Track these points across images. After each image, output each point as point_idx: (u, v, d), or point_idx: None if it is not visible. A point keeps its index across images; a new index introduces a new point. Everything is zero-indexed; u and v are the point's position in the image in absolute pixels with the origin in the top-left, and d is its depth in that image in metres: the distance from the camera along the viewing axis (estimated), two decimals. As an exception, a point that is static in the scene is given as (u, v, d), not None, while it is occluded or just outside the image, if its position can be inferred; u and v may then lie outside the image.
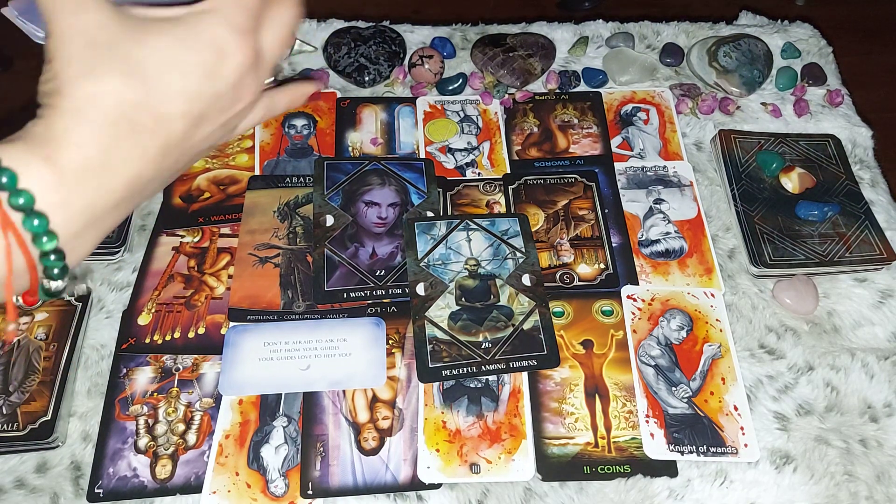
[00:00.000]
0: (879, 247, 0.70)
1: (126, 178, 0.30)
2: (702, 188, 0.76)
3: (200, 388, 0.62)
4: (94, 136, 0.28)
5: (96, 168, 0.28)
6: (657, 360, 0.64)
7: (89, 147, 0.28)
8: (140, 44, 0.29)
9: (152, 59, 0.29)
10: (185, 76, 0.30)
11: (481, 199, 0.75)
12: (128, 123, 0.29)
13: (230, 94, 0.32)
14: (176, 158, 0.32)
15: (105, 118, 0.28)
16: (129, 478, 0.57)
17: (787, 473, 0.58)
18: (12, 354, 0.62)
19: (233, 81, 0.32)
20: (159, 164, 0.31)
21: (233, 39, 0.31)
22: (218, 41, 0.31)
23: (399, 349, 0.64)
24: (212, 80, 0.31)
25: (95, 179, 0.29)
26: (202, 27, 0.30)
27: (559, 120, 0.81)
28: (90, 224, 0.29)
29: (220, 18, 0.31)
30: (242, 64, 0.32)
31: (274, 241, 0.70)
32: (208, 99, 0.31)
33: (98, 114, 0.28)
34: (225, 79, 0.31)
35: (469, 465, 0.58)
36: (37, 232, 0.27)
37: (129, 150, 0.29)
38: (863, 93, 0.92)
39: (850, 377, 0.64)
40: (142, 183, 0.31)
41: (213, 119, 0.32)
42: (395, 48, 0.85)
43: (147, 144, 0.30)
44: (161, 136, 0.30)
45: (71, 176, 0.28)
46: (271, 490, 0.57)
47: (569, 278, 0.69)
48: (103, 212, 0.30)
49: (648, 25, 0.91)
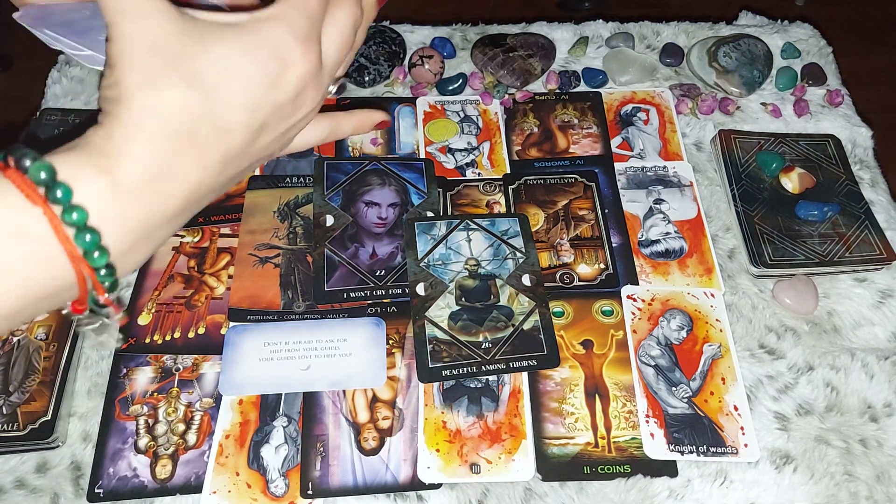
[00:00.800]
0: (879, 247, 0.70)
1: (184, 191, 0.29)
2: (702, 188, 0.76)
3: (200, 388, 0.62)
4: (153, 149, 0.28)
5: (154, 181, 0.28)
6: (657, 360, 0.64)
7: (148, 160, 0.28)
8: (202, 51, 0.29)
9: (215, 69, 0.29)
10: (247, 87, 0.30)
11: (481, 199, 0.75)
12: (188, 135, 0.28)
13: (292, 104, 0.32)
14: (235, 168, 0.32)
15: (165, 130, 0.28)
16: (129, 478, 0.57)
17: (787, 473, 0.58)
18: (12, 354, 0.62)
19: (295, 91, 0.31)
20: (218, 175, 0.31)
21: (296, 48, 0.30)
22: (281, 50, 0.30)
23: (399, 349, 0.64)
24: (274, 90, 0.30)
25: (152, 193, 0.28)
26: (265, 35, 0.30)
27: (559, 120, 0.81)
28: (143, 238, 0.29)
29: (284, 26, 0.30)
30: (305, 73, 0.31)
31: (274, 241, 0.70)
32: (270, 109, 0.31)
33: (158, 126, 0.28)
34: (287, 89, 0.31)
35: (469, 465, 0.58)
36: (88, 249, 0.27)
37: (189, 162, 0.29)
38: (863, 93, 0.92)
39: (850, 377, 0.64)
40: (200, 195, 0.30)
41: (272, 129, 0.32)
42: (395, 48, 0.85)
43: (207, 156, 0.29)
44: (221, 147, 0.30)
45: (127, 190, 0.27)
46: (271, 490, 0.57)
47: (569, 278, 0.69)
48: (158, 225, 0.29)
49: (648, 25, 0.91)
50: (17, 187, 0.26)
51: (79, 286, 0.28)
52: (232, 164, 0.31)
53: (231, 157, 0.31)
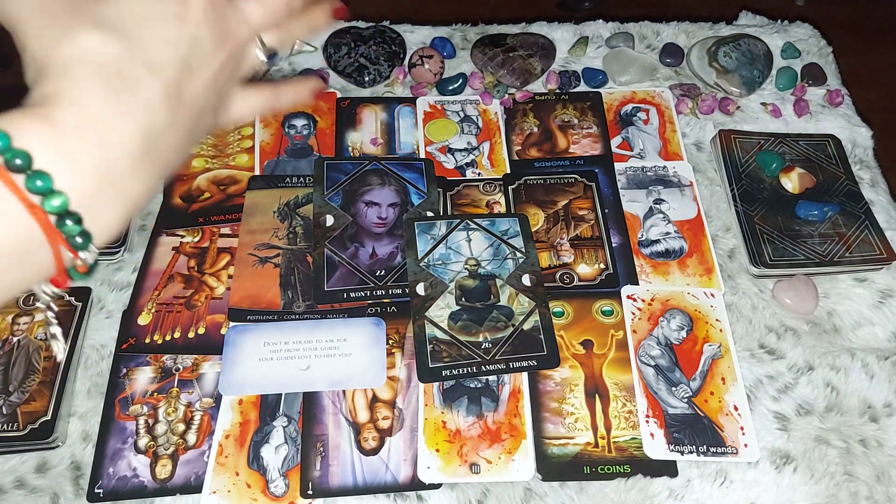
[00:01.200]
0: (879, 247, 0.70)
1: (136, 132, 0.28)
2: (702, 188, 0.76)
3: (200, 388, 0.62)
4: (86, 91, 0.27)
5: (97, 122, 0.27)
6: (657, 360, 0.64)
7: (85, 102, 0.27)
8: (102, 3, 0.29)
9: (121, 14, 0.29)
10: (157, 24, 0.30)
11: (481, 199, 0.75)
12: (118, 76, 0.28)
13: (209, 36, 0.32)
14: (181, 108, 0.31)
15: (93, 73, 0.28)
16: (129, 478, 0.57)
17: (787, 473, 0.58)
18: (12, 354, 0.62)
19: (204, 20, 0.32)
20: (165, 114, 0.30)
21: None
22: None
23: (399, 349, 0.64)
24: (184, 23, 0.31)
25: (99, 133, 0.27)
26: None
27: (559, 120, 0.81)
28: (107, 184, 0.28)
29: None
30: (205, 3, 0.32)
31: (274, 241, 0.70)
32: (188, 42, 0.31)
33: (84, 70, 0.28)
34: (195, 19, 0.31)
35: (469, 465, 0.58)
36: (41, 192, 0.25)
37: (130, 101, 0.28)
38: (863, 93, 0.92)
39: (850, 377, 0.64)
40: (155, 137, 0.29)
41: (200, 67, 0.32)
42: (395, 48, 0.85)
43: (147, 94, 0.29)
44: (158, 84, 0.29)
45: (72, 132, 0.26)
46: (271, 490, 0.57)
47: (569, 278, 0.69)
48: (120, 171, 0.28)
49: (648, 25, 0.91)
50: None
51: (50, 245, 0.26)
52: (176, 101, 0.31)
53: (171, 92, 0.30)
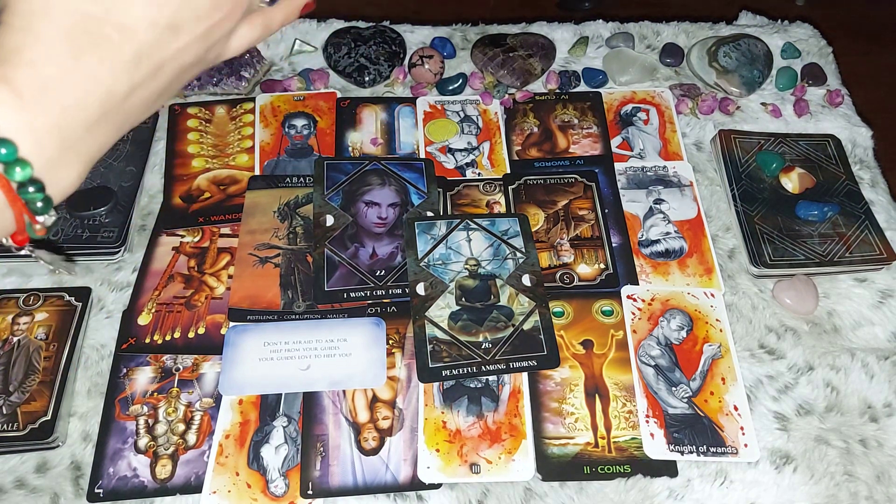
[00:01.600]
0: (879, 247, 0.70)
1: (96, 95, 0.28)
2: (702, 188, 0.76)
3: (200, 388, 0.62)
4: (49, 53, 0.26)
5: (58, 86, 0.26)
6: (657, 360, 0.64)
7: (46, 64, 0.26)
8: None
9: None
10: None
11: (481, 199, 0.75)
12: (87, 36, 0.27)
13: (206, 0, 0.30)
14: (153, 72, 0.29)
15: (60, 33, 0.26)
16: (129, 478, 0.57)
17: (787, 473, 0.58)
18: (12, 354, 0.62)
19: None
20: (132, 78, 0.29)
21: None
22: None
23: (399, 349, 0.64)
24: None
25: (59, 98, 0.26)
26: None
27: (559, 120, 0.81)
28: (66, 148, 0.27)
29: None
30: None
31: (274, 241, 0.70)
32: (177, 4, 0.29)
33: (51, 29, 0.26)
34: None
35: (469, 465, 0.58)
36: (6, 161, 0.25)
37: (94, 64, 0.27)
38: (863, 93, 0.92)
39: (850, 377, 0.64)
40: (117, 100, 0.29)
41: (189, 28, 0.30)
42: (395, 48, 0.85)
43: (113, 58, 0.28)
44: (128, 48, 0.28)
45: (31, 96, 0.26)
46: (271, 490, 0.57)
47: (569, 278, 0.69)
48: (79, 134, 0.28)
49: (648, 25, 0.91)
50: None
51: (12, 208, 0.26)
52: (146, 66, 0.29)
53: (143, 57, 0.28)
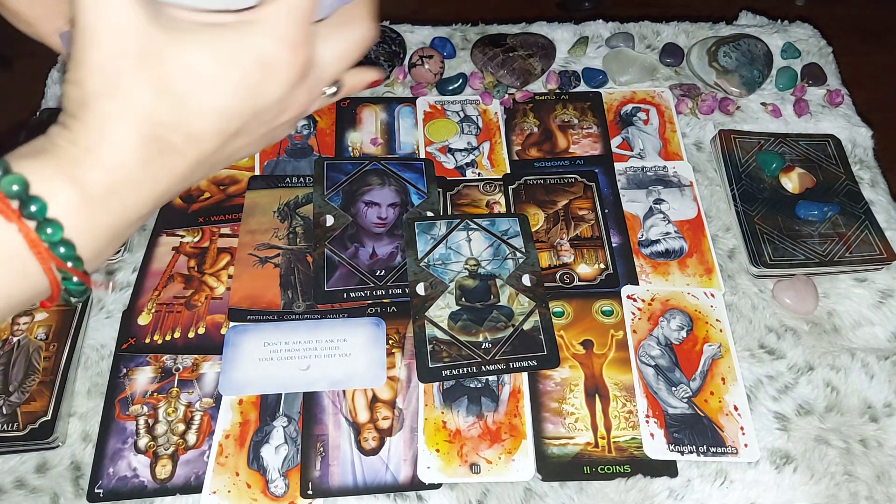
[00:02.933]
0: (879, 247, 0.70)
1: (153, 196, 0.29)
2: (702, 188, 0.76)
3: (200, 388, 0.62)
4: (121, 157, 0.27)
5: (123, 189, 0.27)
6: (657, 360, 0.64)
7: (117, 168, 0.27)
8: (176, 55, 0.27)
9: (188, 74, 0.27)
10: (224, 94, 0.28)
11: (481, 199, 0.75)
12: (157, 143, 0.27)
13: (275, 109, 0.30)
14: (206, 170, 0.31)
15: (133, 137, 0.27)
16: (129, 478, 0.57)
17: (787, 473, 0.58)
18: (12, 354, 0.62)
19: (278, 97, 0.30)
20: (187, 178, 0.30)
21: (282, 54, 0.29)
22: (265, 57, 0.28)
23: (399, 349, 0.64)
24: (255, 97, 0.29)
25: (121, 200, 0.28)
26: (248, 41, 0.28)
27: (559, 120, 0.81)
28: (112, 241, 0.29)
29: (269, 31, 0.28)
30: (290, 80, 0.30)
31: (274, 241, 0.70)
32: (248, 116, 0.29)
33: (125, 134, 0.27)
34: (270, 96, 0.29)
35: (469, 465, 0.58)
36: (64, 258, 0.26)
37: (158, 169, 0.28)
38: (863, 93, 0.92)
39: (850, 377, 0.64)
40: (168, 197, 0.30)
41: (250, 133, 0.31)
42: (395, 48, 0.85)
43: (176, 164, 0.29)
44: (192, 154, 0.29)
45: (98, 198, 0.27)
46: (271, 490, 0.57)
47: (569, 278, 0.69)
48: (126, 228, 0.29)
49: (648, 25, 0.91)
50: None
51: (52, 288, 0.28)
52: (202, 168, 0.30)
53: (202, 161, 0.30)
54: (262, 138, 0.32)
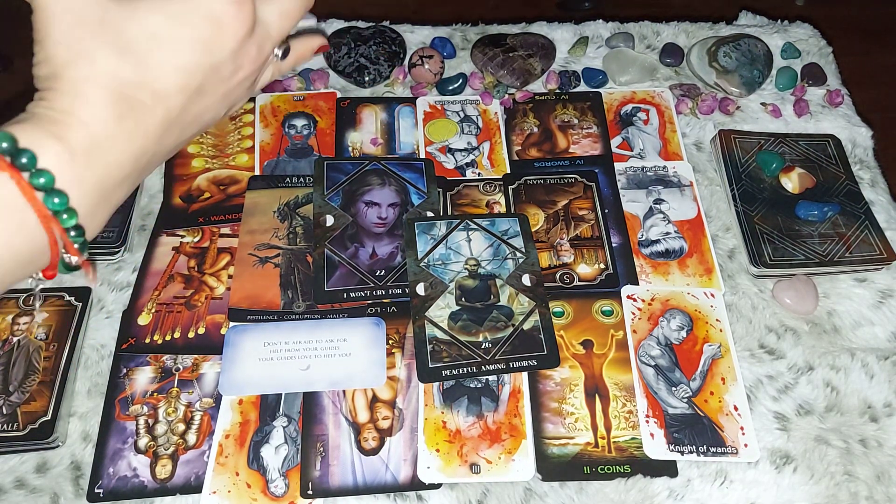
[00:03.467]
0: (879, 247, 0.70)
1: (131, 154, 0.30)
2: (702, 188, 0.76)
3: (200, 388, 0.62)
4: (96, 115, 0.29)
5: (103, 145, 0.29)
6: (657, 360, 0.64)
7: (94, 125, 0.29)
8: (131, 20, 0.29)
9: (145, 36, 0.30)
10: (180, 51, 0.30)
11: (481, 199, 0.75)
12: (126, 101, 0.29)
13: (229, 65, 0.33)
14: (178, 132, 0.33)
15: (105, 97, 0.29)
16: (129, 478, 0.57)
17: (787, 473, 0.58)
18: (12, 354, 0.62)
19: (230, 51, 0.32)
20: (161, 138, 0.32)
21: (228, 9, 0.31)
22: (213, 13, 0.31)
23: (399, 349, 0.64)
24: (209, 52, 0.31)
25: (103, 156, 0.29)
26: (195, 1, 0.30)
27: (559, 120, 0.81)
28: (103, 199, 0.30)
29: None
30: (239, 33, 0.32)
31: (274, 241, 0.70)
32: (206, 71, 0.32)
33: (97, 94, 0.29)
34: (222, 50, 0.32)
35: (469, 465, 0.58)
36: (58, 210, 0.28)
37: (132, 126, 0.30)
38: (863, 93, 0.92)
39: (850, 377, 0.64)
40: (146, 158, 0.31)
41: (212, 91, 0.33)
42: (395, 48, 0.85)
43: (148, 120, 0.30)
44: (160, 111, 0.31)
45: (81, 153, 0.28)
46: (271, 490, 0.57)
47: (569, 278, 0.69)
48: (112, 187, 0.30)
49: (648, 25, 0.91)
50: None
51: (51, 248, 0.29)
52: (174, 128, 0.32)
53: (171, 119, 0.31)
54: (224, 98, 0.34)
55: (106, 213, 0.31)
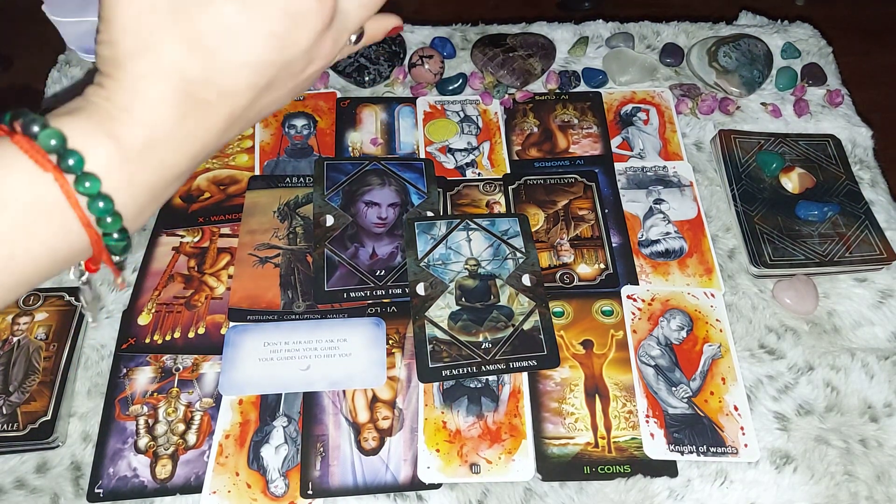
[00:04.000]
0: (879, 247, 0.70)
1: (189, 153, 0.29)
2: (702, 188, 0.76)
3: (200, 388, 0.62)
4: (157, 114, 0.27)
5: (160, 145, 0.28)
6: (657, 360, 0.64)
7: (154, 125, 0.27)
8: (205, 11, 0.27)
9: (217, 29, 0.27)
10: (253, 46, 0.28)
11: (481, 199, 0.75)
12: (191, 99, 0.28)
13: (303, 59, 0.31)
14: (240, 126, 0.31)
15: (168, 95, 0.27)
16: (129, 478, 0.57)
17: (787, 473, 0.58)
18: (12, 354, 0.62)
19: (306, 47, 0.30)
20: (222, 134, 0.30)
21: (309, 4, 0.29)
22: (292, 6, 0.29)
23: (399, 349, 0.64)
24: (283, 48, 0.29)
25: (159, 156, 0.28)
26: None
27: (559, 120, 0.81)
28: (153, 200, 0.29)
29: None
30: (317, 28, 0.30)
31: (274, 241, 0.70)
32: (278, 67, 0.30)
33: (160, 90, 0.27)
34: (298, 45, 0.30)
35: (469, 465, 0.58)
36: (101, 216, 0.27)
37: (194, 125, 0.29)
38: (863, 93, 0.92)
39: (850, 377, 0.64)
40: (204, 154, 0.30)
41: (281, 85, 0.31)
42: (395, 48, 0.85)
43: (211, 118, 0.29)
44: (225, 109, 0.29)
45: (135, 154, 0.27)
46: (271, 490, 0.57)
47: (569, 278, 0.69)
48: (164, 186, 0.29)
49: (648, 25, 0.91)
50: (28, 155, 0.25)
51: (93, 249, 0.28)
52: (237, 124, 0.31)
53: (236, 116, 0.30)
54: (291, 91, 0.33)
55: (153, 211, 0.30)
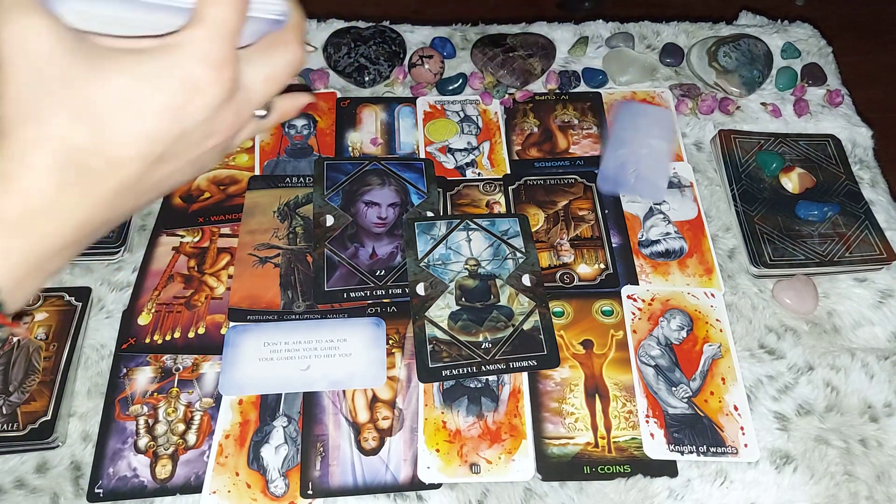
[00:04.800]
0: (879, 247, 0.70)
1: (74, 223, 0.28)
2: (702, 188, 0.76)
3: (200, 388, 0.62)
4: (37, 182, 0.27)
5: (40, 215, 0.27)
6: (657, 360, 0.64)
7: (33, 194, 0.27)
8: (96, 80, 0.27)
9: (107, 99, 0.27)
10: (146, 117, 0.28)
11: (481, 199, 0.75)
12: (76, 168, 0.27)
13: (200, 131, 0.30)
14: (134, 198, 0.30)
15: (50, 164, 0.27)
16: (129, 478, 0.57)
17: (787, 473, 0.58)
18: (12, 354, 0.62)
19: (203, 119, 0.29)
20: (112, 207, 0.29)
21: (206, 74, 0.28)
22: (189, 77, 0.28)
23: (399, 349, 0.64)
24: (178, 119, 0.29)
25: (39, 227, 0.27)
26: (170, 63, 0.28)
27: (559, 120, 0.81)
28: (33, 271, 0.28)
29: (192, 53, 0.28)
30: (215, 100, 0.29)
31: (274, 241, 0.70)
32: (172, 139, 0.29)
33: (42, 159, 0.27)
34: (194, 117, 0.29)
35: (469, 465, 0.58)
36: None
37: (78, 195, 0.28)
38: (863, 93, 0.92)
39: (850, 377, 0.64)
40: (93, 225, 0.29)
41: (177, 157, 0.30)
42: (395, 48, 0.85)
43: (97, 189, 0.28)
44: (112, 180, 0.28)
45: (13, 224, 0.27)
46: (271, 490, 0.57)
47: (569, 278, 0.69)
48: (47, 257, 0.28)
49: (648, 25, 0.91)
50: None
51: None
52: (128, 195, 0.30)
53: (125, 187, 0.29)
54: (192, 164, 0.32)
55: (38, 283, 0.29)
